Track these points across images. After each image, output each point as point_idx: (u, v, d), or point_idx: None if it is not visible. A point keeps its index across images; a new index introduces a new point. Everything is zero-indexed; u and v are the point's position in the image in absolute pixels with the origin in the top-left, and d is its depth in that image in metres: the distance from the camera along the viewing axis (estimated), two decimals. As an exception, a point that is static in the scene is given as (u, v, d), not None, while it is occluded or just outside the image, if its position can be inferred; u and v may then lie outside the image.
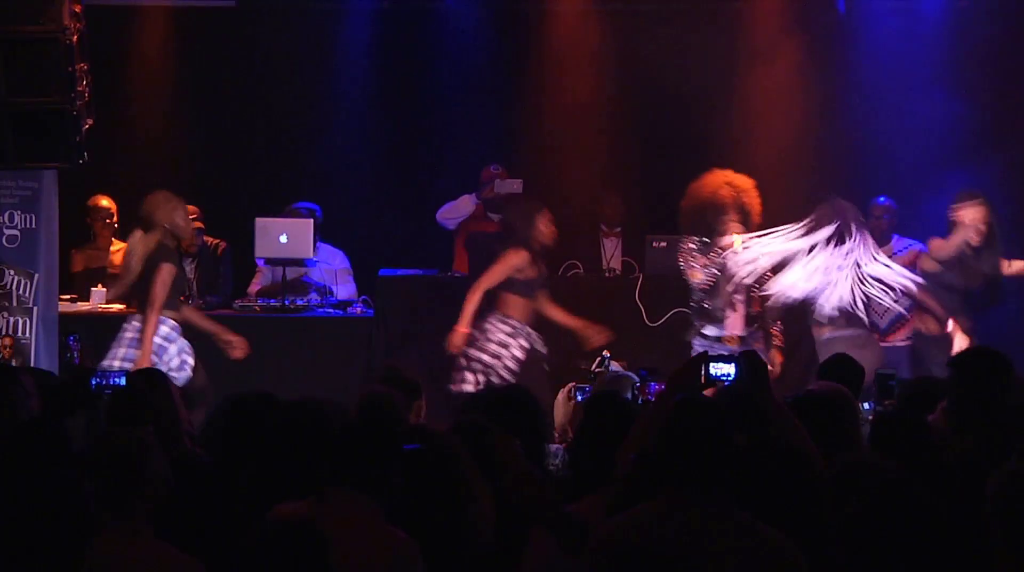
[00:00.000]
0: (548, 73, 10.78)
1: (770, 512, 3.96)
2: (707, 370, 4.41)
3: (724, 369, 4.40)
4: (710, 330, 8.28)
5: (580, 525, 3.99)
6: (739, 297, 8.22)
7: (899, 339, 9.08)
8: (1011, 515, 3.56)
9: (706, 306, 8.27)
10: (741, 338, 8.18)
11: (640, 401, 5.67)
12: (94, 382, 5.05)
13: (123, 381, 5.08)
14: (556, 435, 5.98)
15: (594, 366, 8.24)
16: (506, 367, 8.27)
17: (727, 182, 8.29)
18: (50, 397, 5.29)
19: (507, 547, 4.27)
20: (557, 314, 8.57)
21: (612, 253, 9.97)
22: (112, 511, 3.85)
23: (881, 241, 9.13)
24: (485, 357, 8.33)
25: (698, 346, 8.19)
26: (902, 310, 8.86)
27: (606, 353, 8.15)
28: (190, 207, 9.66)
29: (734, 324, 8.20)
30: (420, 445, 4.22)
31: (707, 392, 4.53)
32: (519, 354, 8.34)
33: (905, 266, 9.01)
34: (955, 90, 9.90)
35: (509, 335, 8.37)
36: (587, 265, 9.62)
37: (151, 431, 4.27)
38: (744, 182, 8.31)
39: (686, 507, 3.69)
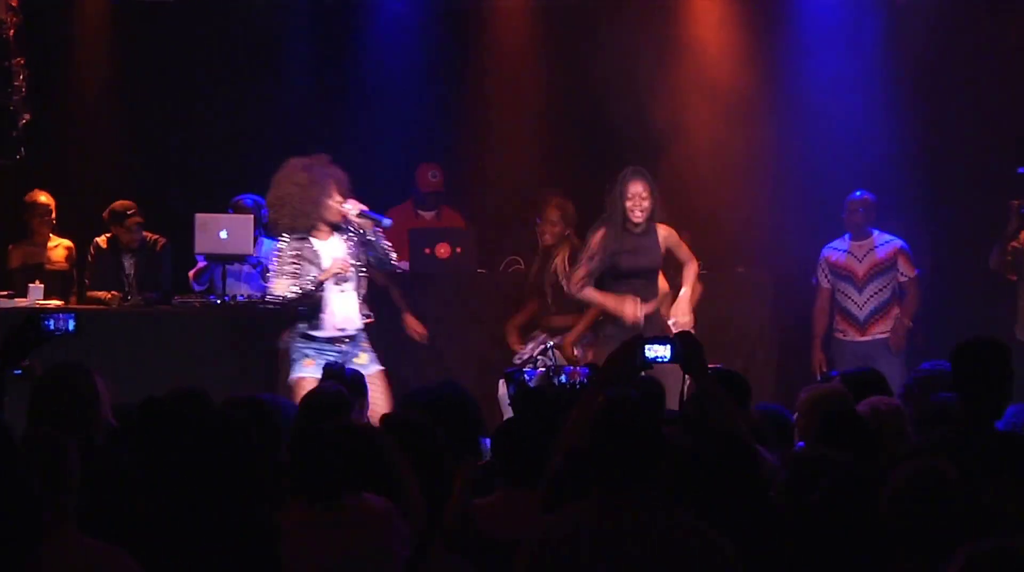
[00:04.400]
0: (490, 69, 10.79)
1: (708, 505, 4.02)
2: (642, 352, 4.42)
3: (659, 351, 4.41)
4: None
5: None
6: None
7: (878, 332, 9.16)
8: (909, 513, 3.61)
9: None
10: None
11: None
12: (48, 324, 5.00)
13: (72, 325, 5.03)
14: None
15: (536, 352, 8.30)
16: None
17: None
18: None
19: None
20: None
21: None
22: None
23: (859, 235, 9.22)
24: None
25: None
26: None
27: (549, 342, 8.20)
28: (127, 202, 9.64)
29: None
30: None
31: None
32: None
33: (884, 262, 9.11)
34: (898, 84, 9.99)
35: None
36: (527, 260, 9.67)
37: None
38: None
39: (618, 504, 3.70)
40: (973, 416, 4.75)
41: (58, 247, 9.88)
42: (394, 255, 8.04)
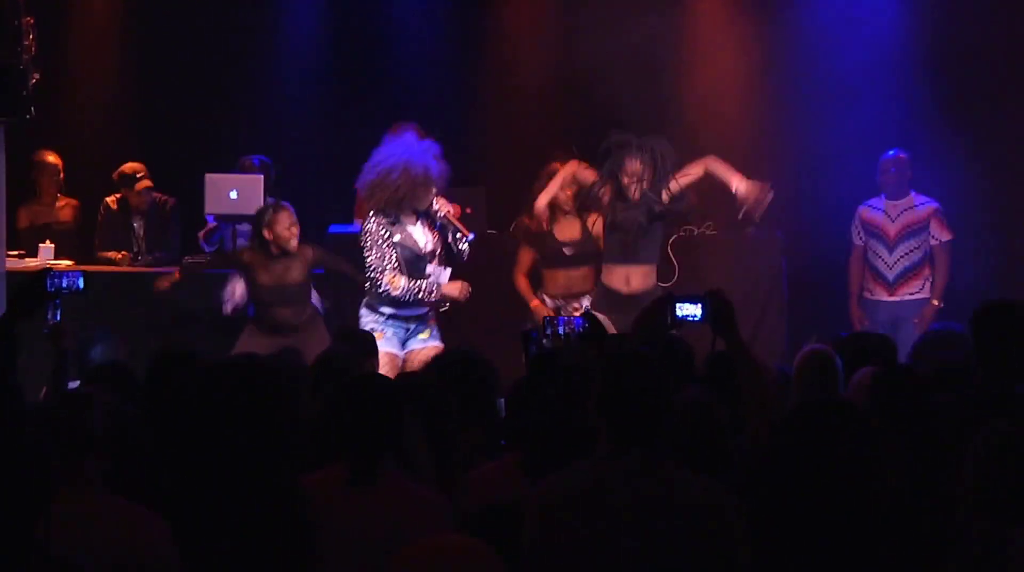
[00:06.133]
0: (500, 43, 10.76)
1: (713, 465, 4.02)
2: (673, 311, 4.42)
3: (691, 310, 4.41)
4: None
5: None
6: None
7: (907, 293, 9.13)
8: (992, 473, 3.59)
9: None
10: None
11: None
12: (59, 281, 5.01)
13: (81, 282, 5.06)
14: None
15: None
16: None
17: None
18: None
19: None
20: None
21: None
22: (62, 469, 3.81)
23: (894, 194, 9.14)
24: None
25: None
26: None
27: (586, 304, 8.20)
28: (136, 165, 9.63)
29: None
30: None
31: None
32: None
33: (917, 223, 9.05)
34: (901, 69, 9.91)
35: None
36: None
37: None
38: None
39: (623, 462, 3.70)
40: (992, 378, 4.74)
41: (66, 207, 9.88)
42: (465, 255, 7.99)
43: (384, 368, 7.51)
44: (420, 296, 7.82)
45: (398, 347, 7.87)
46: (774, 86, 10.23)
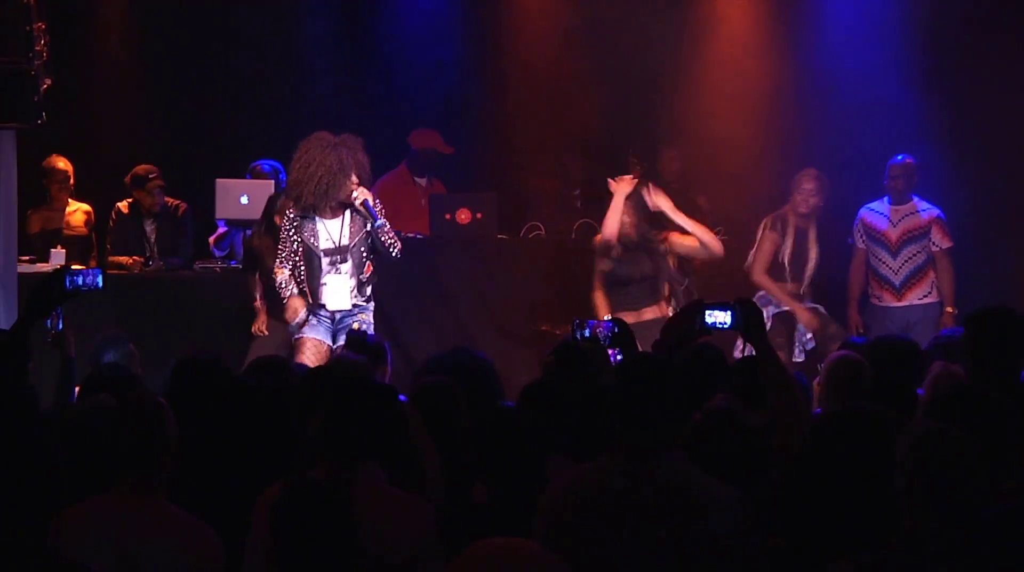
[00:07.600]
0: (512, 48, 10.76)
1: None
2: (703, 318, 4.44)
3: (720, 317, 4.42)
4: None
5: None
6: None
7: (915, 297, 9.13)
8: (922, 474, 3.56)
9: None
10: None
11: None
12: (77, 280, 4.97)
13: (100, 281, 5.02)
14: None
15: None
16: None
17: None
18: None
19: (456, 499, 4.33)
20: None
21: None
22: (129, 471, 3.87)
23: (898, 199, 9.15)
24: None
25: None
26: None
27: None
28: (149, 166, 9.64)
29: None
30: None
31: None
32: None
33: (919, 229, 9.06)
34: (914, 62, 9.91)
35: None
36: (547, 226, 9.71)
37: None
38: None
39: (635, 462, 3.74)
40: (982, 381, 4.74)
41: (77, 212, 9.88)
42: (395, 251, 7.81)
43: (308, 354, 7.61)
44: (282, 294, 7.90)
45: (326, 336, 7.84)
46: (792, 90, 10.23)
